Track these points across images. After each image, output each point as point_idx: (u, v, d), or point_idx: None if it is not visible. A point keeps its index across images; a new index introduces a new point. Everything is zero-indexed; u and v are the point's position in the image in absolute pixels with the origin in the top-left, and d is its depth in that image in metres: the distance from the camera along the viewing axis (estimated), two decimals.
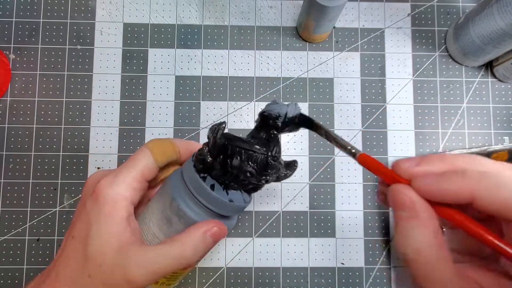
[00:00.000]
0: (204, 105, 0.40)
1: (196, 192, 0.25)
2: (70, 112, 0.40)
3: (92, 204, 0.25)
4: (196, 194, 0.25)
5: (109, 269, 0.23)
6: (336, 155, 0.40)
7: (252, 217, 0.39)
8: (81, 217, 0.25)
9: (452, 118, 0.41)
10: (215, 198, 0.25)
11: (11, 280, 0.37)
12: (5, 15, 0.40)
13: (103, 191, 0.24)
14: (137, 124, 0.40)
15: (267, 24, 0.42)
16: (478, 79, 0.41)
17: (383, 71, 0.41)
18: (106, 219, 0.24)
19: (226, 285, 0.38)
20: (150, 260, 0.24)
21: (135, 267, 0.23)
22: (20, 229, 0.38)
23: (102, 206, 0.24)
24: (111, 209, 0.24)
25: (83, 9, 0.41)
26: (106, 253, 0.23)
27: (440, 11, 0.42)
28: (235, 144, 0.24)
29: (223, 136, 0.25)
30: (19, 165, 0.39)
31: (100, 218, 0.24)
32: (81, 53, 0.41)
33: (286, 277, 0.38)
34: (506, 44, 0.35)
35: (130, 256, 0.23)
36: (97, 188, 0.25)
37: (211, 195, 0.24)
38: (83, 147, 0.39)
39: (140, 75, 0.41)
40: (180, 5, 0.42)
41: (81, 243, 0.24)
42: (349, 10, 0.42)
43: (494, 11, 0.34)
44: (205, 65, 0.41)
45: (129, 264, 0.23)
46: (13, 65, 0.40)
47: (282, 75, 0.41)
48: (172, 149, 0.27)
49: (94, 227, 0.24)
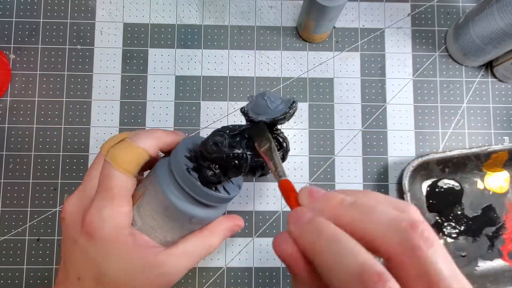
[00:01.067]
0: (204, 105, 0.40)
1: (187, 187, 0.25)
2: (70, 112, 0.40)
3: (89, 244, 0.24)
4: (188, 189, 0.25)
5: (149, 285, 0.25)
6: (336, 155, 0.40)
7: (252, 217, 0.39)
8: (79, 258, 0.24)
9: (452, 118, 0.41)
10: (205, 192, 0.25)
11: (11, 280, 0.37)
12: (5, 15, 0.40)
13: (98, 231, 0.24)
14: (137, 124, 0.40)
15: (267, 24, 0.42)
16: (478, 79, 0.41)
17: (383, 71, 0.41)
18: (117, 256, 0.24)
19: (226, 285, 0.38)
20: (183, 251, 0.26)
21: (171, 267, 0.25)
22: (20, 229, 0.38)
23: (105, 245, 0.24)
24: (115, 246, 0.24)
25: (83, 9, 0.41)
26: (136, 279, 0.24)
27: (440, 11, 0.42)
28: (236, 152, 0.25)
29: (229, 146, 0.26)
30: (19, 165, 0.39)
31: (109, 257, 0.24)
32: (81, 53, 0.41)
33: (286, 277, 0.38)
34: (506, 44, 0.35)
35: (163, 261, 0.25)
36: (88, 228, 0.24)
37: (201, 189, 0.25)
38: (83, 147, 0.39)
39: (140, 75, 0.41)
40: (180, 5, 0.42)
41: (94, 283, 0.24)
42: (349, 10, 0.42)
43: (494, 11, 0.34)
44: (205, 65, 0.41)
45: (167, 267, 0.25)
46: (13, 65, 0.40)
47: (282, 75, 0.41)
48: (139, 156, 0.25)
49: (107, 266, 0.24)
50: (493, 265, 0.38)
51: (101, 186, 0.25)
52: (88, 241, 0.24)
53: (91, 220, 0.24)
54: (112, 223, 0.24)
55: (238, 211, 0.39)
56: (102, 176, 0.25)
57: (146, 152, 0.25)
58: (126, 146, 0.25)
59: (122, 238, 0.24)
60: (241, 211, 0.39)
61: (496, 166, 0.40)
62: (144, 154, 0.25)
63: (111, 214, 0.24)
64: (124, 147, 0.25)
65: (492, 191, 0.40)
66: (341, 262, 0.15)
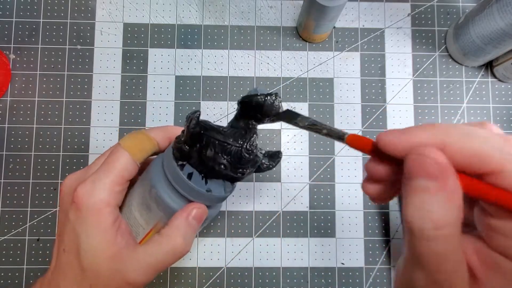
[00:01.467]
0: (204, 105, 0.40)
1: (174, 180, 0.24)
2: (70, 112, 0.40)
3: (75, 215, 0.24)
4: (174, 182, 0.24)
5: (108, 277, 0.24)
6: (336, 155, 0.40)
7: (252, 217, 0.39)
8: (67, 229, 0.25)
9: (452, 118, 0.41)
10: (191, 187, 0.24)
11: (11, 280, 0.37)
12: (5, 15, 0.40)
13: (84, 201, 0.24)
14: (137, 124, 0.40)
15: (267, 24, 0.42)
16: (478, 79, 0.41)
17: (383, 71, 0.41)
18: (93, 230, 0.24)
19: (226, 285, 0.38)
20: (144, 261, 0.24)
21: (132, 271, 0.24)
22: (20, 229, 0.38)
23: (86, 216, 0.24)
24: (97, 219, 0.24)
25: (83, 9, 0.41)
26: (101, 263, 0.23)
27: (440, 11, 0.42)
28: (209, 134, 0.24)
29: (198, 125, 0.24)
30: (19, 165, 0.39)
31: (88, 229, 0.24)
32: (81, 53, 0.41)
33: (286, 277, 0.38)
34: (506, 44, 0.35)
35: (125, 261, 0.24)
36: (77, 198, 0.24)
37: (187, 184, 0.24)
38: (83, 147, 0.39)
39: (140, 75, 0.41)
40: (180, 5, 0.42)
41: (75, 256, 0.24)
42: (349, 10, 0.42)
43: (494, 11, 0.34)
44: (205, 65, 0.41)
45: (126, 269, 0.23)
46: (13, 65, 0.40)
47: (282, 75, 0.41)
48: (150, 143, 0.26)
49: (84, 239, 0.24)
50: None
51: (105, 161, 0.25)
52: (75, 213, 0.24)
53: (82, 192, 0.24)
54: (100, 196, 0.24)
55: (238, 211, 0.39)
56: (109, 153, 0.26)
57: (155, 141, 0.27)
58: (138, 133, 0.27)
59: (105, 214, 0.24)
60: (241, 211, 0.39)
61: None
62: (153, 142, 0.26)
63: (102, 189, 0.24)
64: (136, 133, 0.27)
65: None
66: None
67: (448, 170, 0.15)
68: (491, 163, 0.14)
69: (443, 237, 0.14)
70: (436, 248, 0.14)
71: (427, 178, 0.15)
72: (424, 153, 0.15)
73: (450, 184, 0.15)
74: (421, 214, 0.14)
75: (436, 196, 0.15)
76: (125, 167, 0.25)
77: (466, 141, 0.15)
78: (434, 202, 0.14)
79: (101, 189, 0.24)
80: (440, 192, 0.15)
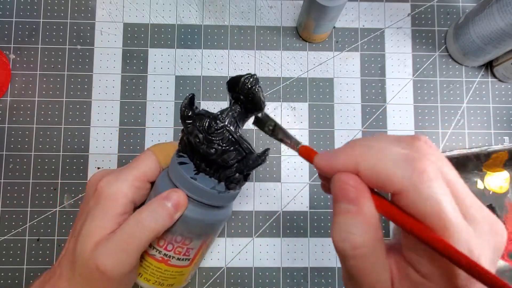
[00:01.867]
0: (204, 105, 0.40)
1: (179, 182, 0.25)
2: (70, 112, 0.40)
3: (94, 202, 0.25)
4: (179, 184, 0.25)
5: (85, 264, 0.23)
6: None
7: (252, 217, 0.39)
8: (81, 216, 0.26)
9: (452, 118, 0.41)
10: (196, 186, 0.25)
11: (11, 280, 0.37)
12: (5, 15, 0.40)
13: (104, 189, 0.25)
14: (137, 124, 0.40)
15: (267, 24, 0.42)
16: (478, 79, 0.41)
17: (383, 71, 0.41)
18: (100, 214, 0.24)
19: (226, 285, 0.38)
20: (113, 242, 0.23)
21: (101, 254, 0.23)
22: (20, 229, 0.38)
23: (102, 202, 0.24)
24: (109, 205, 0.24)
25: (83, 9, 0.41)
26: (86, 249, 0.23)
27: (440, 11, 0.42)
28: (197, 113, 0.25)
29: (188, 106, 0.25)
30: (19, 165, 0.39)
31: (95, 213, 0.24)
32: (81, 53, 0.41)
33: (286, 277, 0.38)
34: (506, 44, 0.35)
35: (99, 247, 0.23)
36: (99, 186, 0.25)
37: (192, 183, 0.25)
38: (83, 147, 0.39)
39: (140, 75, 0.41)
40: (180, 5, 0.42)
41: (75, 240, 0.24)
42: (349, 10, 0.42)
43: (494, 11, 0.34)
44: (205, 65, 0.41)
45: (97, 254, 0.23)
46: (13, 65, 0.40)
47: (282, 75, 0.41)
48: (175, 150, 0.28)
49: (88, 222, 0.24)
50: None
51: (132, 161, 0.27)
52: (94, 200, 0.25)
53: (105, 180, 0.25)
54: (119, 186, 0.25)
55: (238, 211, 0.39)
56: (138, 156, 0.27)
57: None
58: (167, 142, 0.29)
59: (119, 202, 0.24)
60: (241, 211, 0.39)
61: (496, 166, 0.40)
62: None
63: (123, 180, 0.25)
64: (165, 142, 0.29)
65: (492, 191, 0.40)
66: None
67: (364, 194, 0.17)
68: (394, 184, 0.16)
69: (361, 256, 0.16)
70: (356, 265, 0.16)
71: (346, 202, 0.17)
72: (342, 179, 0.17)
73: (365, 206, 0.17)
74: (342, 236, 0.16)
75: (354, 219, 0.16)
76: (148, 167, 0.26)
77: (375, 163, 0.16)
78: (353, 224, 0.16)
79: (122, 179, 0.25)
80: (357, 215, 0.16)
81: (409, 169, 0.16)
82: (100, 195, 0.25)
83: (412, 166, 0.16)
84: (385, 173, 0.16)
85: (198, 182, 0.25)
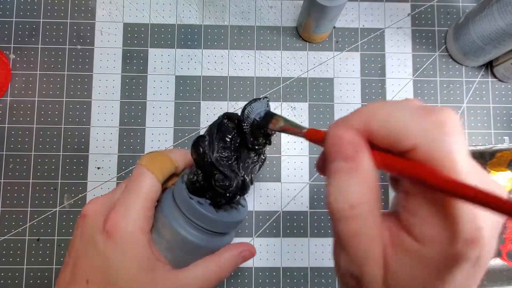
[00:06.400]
0: (204, 105, 0.40)
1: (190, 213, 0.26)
2: (70, 112, 0.40)
3: (107, 244, 0.23)
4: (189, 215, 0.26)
5: None
6: None
7: (252, 217, 0.39)
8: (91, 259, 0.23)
9: None
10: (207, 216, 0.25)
11: (11, 280, 0.37)
12: (5, 15, 0.40)
13: (118, 229, 0.23)
14: (137, 124, 0.40)
15: (267, 24, 0.42)
16: (478, 79, 0.41)
17: (383, 71, 0.41)
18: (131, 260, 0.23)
19: (226, 285, 0.38)
20: (185, 283, 0.24)
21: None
22: (20, 229, 0.38)
23: (122, 245, 0.23)
24: (135, 248, 0.23)
25: (83, 9, 0.41)
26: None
27: (440, 11, 0.42)
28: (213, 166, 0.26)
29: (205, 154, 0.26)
30: (19, 165, 0.39)
31: (125, 259, 0.23)
32: (81, 53, 0.41)
33: (286, 277, 0.38)
34: (506, 44, 0.35)
35: (170, 284, 0.23)
36: (111, 227, 0.23)
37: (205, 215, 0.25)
38: (83, 147, 0.39)
39: (140, 75, 0.41)
40: (180, 5, 0.42)
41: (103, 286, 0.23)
42: (349, 10, 0.42)
43: (494, 11, 0.34)
44: (205, 65, 0.41)
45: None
46: (13, 65, 0.40)
47: (282, 75, 0.41)
48: (171, 165, 0.27)
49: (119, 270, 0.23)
50: (491, 263, 0.38)
51: (131, 184, 0.25)
52: (106, 240, 0.23)
53: (116, 219, 0.23)
54: (136, 224, 0.23)
55: None
56: (134, 175, 0.25)
57: (176, 163, 0.27)
58: (159, 154, 0.27)
59: (141, 242, 0.23)
60: None
61: (500, 165, 0.40)
62: (174, 164, 0.27)
63: (136, 215, 0.23)
64: (157, 154, 0.27)
65: None
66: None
67: (361, 149, 0.15)
68: (410, 139, 0.14)
69: (358, 216, 0.15)
70: (352, 227, 0.15)
71: (342, 159, 0.15)
72: (337, 134, 0.15)
73: (363, 163, 0.15)
74: (340, 196, 0.15)
75: (350, 176, 0.15)
76: (151, 189, 0.25)
77: (389, 119, 0.15)
78: (349, 182, 0.15)
79: (135, 214, 0.23)
80: (354, 171, 0.15)
81: (426, 122, 0.14)
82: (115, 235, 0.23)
83: (430, 118, 0.14)
84: (400, 127, 0.14)
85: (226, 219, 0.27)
